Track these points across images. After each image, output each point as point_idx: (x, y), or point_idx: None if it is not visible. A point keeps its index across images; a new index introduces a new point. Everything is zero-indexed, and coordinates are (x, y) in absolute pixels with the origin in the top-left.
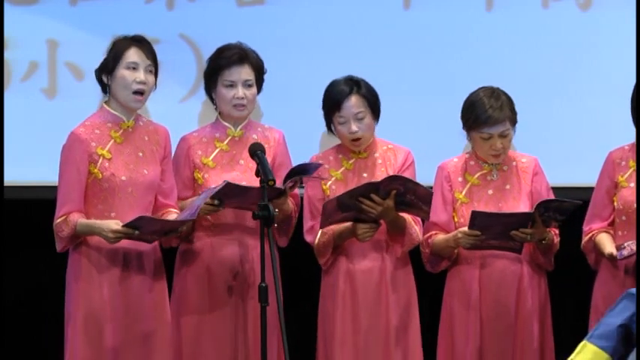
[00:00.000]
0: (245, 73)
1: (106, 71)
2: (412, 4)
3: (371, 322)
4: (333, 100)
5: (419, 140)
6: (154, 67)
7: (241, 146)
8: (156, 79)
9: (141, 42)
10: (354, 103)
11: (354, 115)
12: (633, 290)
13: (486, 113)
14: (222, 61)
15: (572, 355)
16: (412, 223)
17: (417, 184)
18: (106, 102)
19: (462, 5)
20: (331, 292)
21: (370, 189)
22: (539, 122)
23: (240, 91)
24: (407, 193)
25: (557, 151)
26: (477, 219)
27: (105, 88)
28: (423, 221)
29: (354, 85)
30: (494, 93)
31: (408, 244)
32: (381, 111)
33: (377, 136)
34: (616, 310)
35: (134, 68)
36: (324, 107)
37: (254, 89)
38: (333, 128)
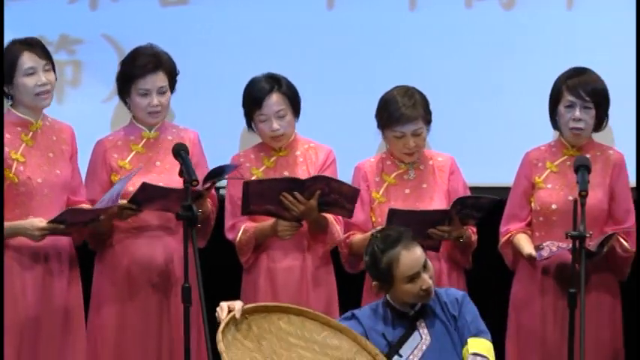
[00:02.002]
0: (159, 80)
1: (5, 82)
2: (335, 4)
3: None
4: (253, 98)
5: (341, 139)
6: (51, 63)
7: (157, 148)
8: (54, 69)
9: (31, 45)
10: (274, 100)
11: (275, 112)
12: None
13: (399, 111)
14: (137, 71)
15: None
16: (334, 222)
17: (342, 182)
18: (11, 105)
19: (385, 5)
20: (252, 291)
21: (294, 186)
22: (461, 121)
23: (155, 100)
24: (331, 193)
25: (477, 151)
26: (394, 217)
27: (8, 97)
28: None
29: (275, 82)
30: (408, 92)
31: (330, 242)
32: (306, 110)
33: (299, 134)
34: None
35: (32, 73)
36: (244, 105)
37: (168, 94)
38: (253, 126)
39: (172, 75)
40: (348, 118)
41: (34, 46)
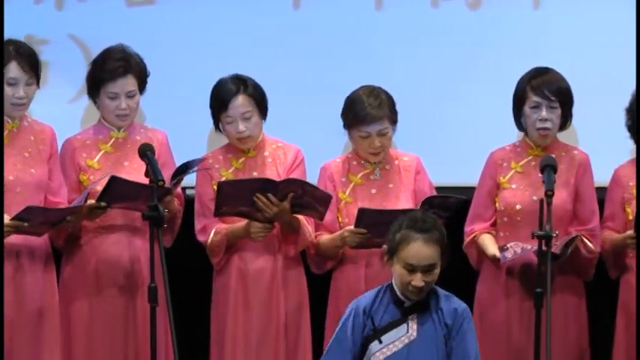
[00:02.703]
0: (128, 84)
1: None
2: (302, 4)
3: (262, 322)
4: (220, 100)
5: (307, 139)
6: (36, 76)
7: (125, 148)
8: (38, 80)
9: (22, 55)
10: (241, 102)
11: (241, 114)
12: None
13: (365, 111)
14: (106, 74)
15: None
16: (305, 223)
17: (315, 187)
18: None
19: (351, 4)
20: (223, 292)
21: (268, 187)
22: (426, 121)
23: (123, 103)
24: (304, 196)
25: (442, 151)
26: (364, 216)
27: None
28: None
29: (241, 84)
30: (374, 92)
31: (302, 243)
32: (273, 110)
33: (267, 134)
34: None
35: (13, 84)
36: (211, 106)
37: (137, 97)
38: (221, 127)
39: (142, 78)
40: (314, 118)
41: (24, 56)
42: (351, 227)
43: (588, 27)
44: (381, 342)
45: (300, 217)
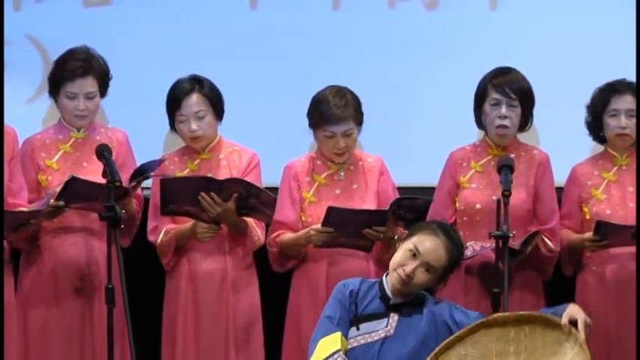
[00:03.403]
0: (88, 85)
1: None
2: (259, 4)
3: (213, 324)
4: (174, 98)
5: (267, 140)
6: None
7: (85, 148)
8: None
9: None
10: (194, 101)
11: (194, 113)
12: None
13: (330, 111)
14: (66, 74)
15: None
16: (254, 225)
17: (260, 189)
18: None
19: (308, 5)
20: (174, 293)
21: (211, 186)
22: (385, 122)
23: (82, 104)
24: (250, 197)
25: (402, 151)
26: (332, 215)
27: None
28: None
29: (197, 83)
30: (340, 92)
31: (250, 247)
32: (232, 111)
33: (224, 137)
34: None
35: None
36: (167, 105)
37: (97, 99)
38: (176, 126)
39: (104, 80)
40: (272, 119)
41: None
42: (318, 226)
43: (546, 27)
44: (358, 329)
45: (249, 219)
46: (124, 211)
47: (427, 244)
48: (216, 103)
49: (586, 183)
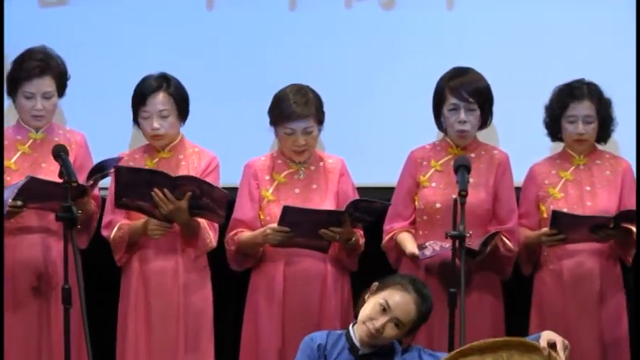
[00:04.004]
0: (45, 85)
1: None
2: (215, 4)
3: (163, 324)
4: (140, 94)
5: (227, 139)
6: None
7: (43, 149)
8: None
9: None
10: (159, 99)
11: (159, 111)
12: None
13: (290, 108)
14: (23, 73)
15: None
16: (206, 227)
17: (213, 186)
18: None
19: (265, 5)
20: (126, 291)
21: (165, 182)
22: (345, 122)
23: (39, 104)
24: (203, 196)
25: (362, 151)
26: (288, 214)
27: None
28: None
29: (164, 82)
30: (301, 90)
31: (202, 248)
32: (192, 111)
33: (186, 138)
34: None
35: None
36: (132, 100)
37: (54, 99)
38: (139, 122)
39: (62, 81)
40: (233, 118)
41: None
42: (274, 225)
43: (503, 26)
44: None
45: (202, 221)
46: (80, 212)
47: (398, 299)
48: (181, 104)
49: (543, 182)
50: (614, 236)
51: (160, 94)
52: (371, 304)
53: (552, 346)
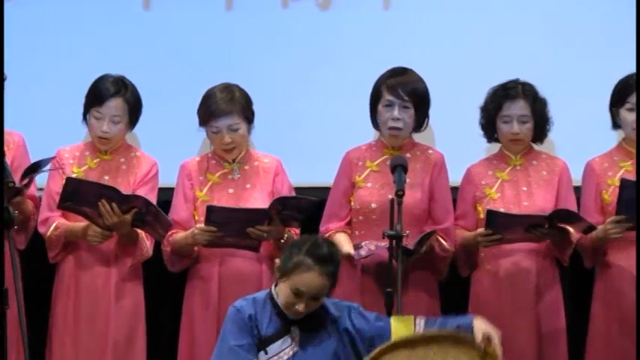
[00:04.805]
0: None
1: None
2: (151, 4)
3: (93, 331)
4: (97, 94)
5: (163, 140)
6: None
7: None
8: None
9: None
10: (115, 105)
11: (112, 116)
12: None
13: (215, 105)
14: None
15: None
16: (144, 237)
17: (158, 210)
18: None
19: (202, 5)
20: (59, 293)
21: (115, 196)
22: (281, 122)
23: None
24: (147, 214)
25: (298, 151)
26: (213, 214)
27: None
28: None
29: (123, 87)
30: (228, 88)
31: (139, 258)
32: None
33: (127, 141)
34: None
35: None
36: (86, 97)
37: None
38: (88, 118)
39: None
40: (170, 119)
41: None
42: (202, 225)
43: (440, 27)
44: (267, 352)
45: (140, 231)
46: (16, 212)
47: (306, 281)
48: (134, 112)
49: (480, 182)
50: (550, 236)
51: (118, 99)
52: (284, 292)
53: (488, 339)
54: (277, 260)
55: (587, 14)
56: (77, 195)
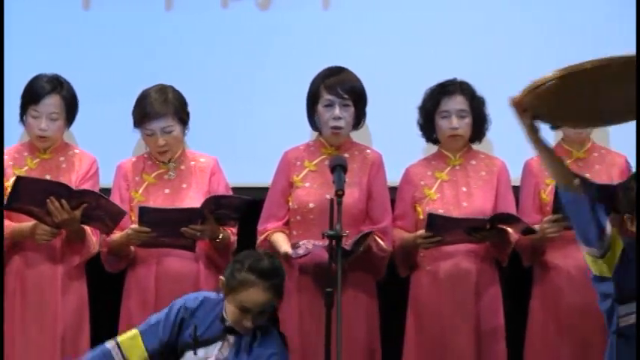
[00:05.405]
0: None
1: None
2: (92, 4)
3: (39, 326)
4: (33, 93)
5: (102, 140)
6: None
7: None
8: None
9: None
10: (52, 102)
11: (49, 114)
12: None
13: (149, 107)
14: None
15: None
16: (90, 234)
17: (110, 202)
18: None
19: (141, 5)
20: (7, 295)
21: (63, 192)
22: (220, 122)
23: None
24: (97, 209)
25: (236, 151)
26: (144, 215)
27: None
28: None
29: (58, 85)
30: (162, 89)
31: (85, 255)
32: None
33: (65, 139)
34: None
35: None
36: (22, 97)
37: None
38: (25, 119)
39: None
40: (109, 119)
41: None
42: (135, 225)
43: (378, 27)
44: (195, 354)
45: (87, 227)
46: None
47: (252, 297)
48: (71, 109)
49: (419, 183)
50: (489, 237)
51: (54, 96)
52: (231, 309)
53: None
54: (222, 277)
55: (522, 14)
56: (25, 194)
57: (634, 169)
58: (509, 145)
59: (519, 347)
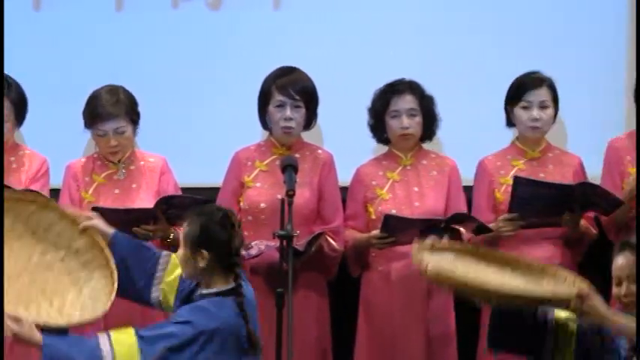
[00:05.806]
0: None
1: None
2: (42, 5)
3: None
4: None
5: (51, 141)
6: None
7: None
8: None
9: None
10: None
11: None
12: None
13: (100, 109)
14: None
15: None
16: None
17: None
18: None
19: (92, 5)
20: None
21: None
22: (170, 122)
23: None
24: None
25: (187, 151)
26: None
27: None
28: None
29: (7, 87)
30: (113, 90)
31: None
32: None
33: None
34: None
35: None
36: None
37: None
38: None
39: None
40: (58, 120)
41: None
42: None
43: (329, 27)
44: None
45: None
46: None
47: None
48: (19, 110)
49: (371, 183)
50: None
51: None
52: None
53: None
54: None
55: (476, 14)
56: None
57: (588, 172)
58: (460, 145)
59: (472, 350)
